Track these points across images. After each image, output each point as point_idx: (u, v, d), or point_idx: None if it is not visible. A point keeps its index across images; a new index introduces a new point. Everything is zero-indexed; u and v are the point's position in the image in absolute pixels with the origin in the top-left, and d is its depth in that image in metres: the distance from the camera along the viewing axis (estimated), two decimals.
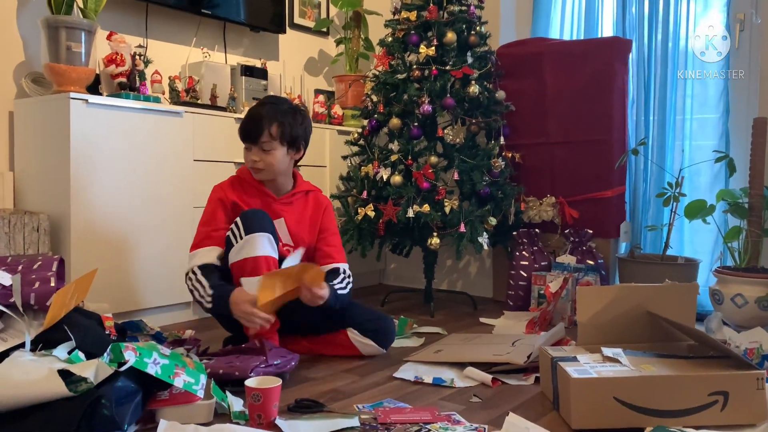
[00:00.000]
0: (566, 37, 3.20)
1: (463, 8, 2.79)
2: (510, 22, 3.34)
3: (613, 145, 2.82)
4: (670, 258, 2.71)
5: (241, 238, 1.88)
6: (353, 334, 2.04)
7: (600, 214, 2.84)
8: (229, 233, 1.92)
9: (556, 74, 2.93)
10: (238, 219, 1.91)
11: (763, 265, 2.52)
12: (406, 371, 1.92)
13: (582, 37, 3.15)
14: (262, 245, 1.86)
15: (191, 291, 1.93)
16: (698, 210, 2.59)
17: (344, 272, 2.08)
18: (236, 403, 1.55)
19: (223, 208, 1.99)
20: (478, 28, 2.81)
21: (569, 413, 1.49)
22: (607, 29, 3.10)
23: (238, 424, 1.47)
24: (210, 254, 1.95)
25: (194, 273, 1.92)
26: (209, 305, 1.87)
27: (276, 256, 1.92)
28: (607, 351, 1.62)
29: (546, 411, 1.62)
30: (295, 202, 2.09)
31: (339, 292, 1.98)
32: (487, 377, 1.83)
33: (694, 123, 2.89)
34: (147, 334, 1.97)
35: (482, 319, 2.71)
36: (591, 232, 2.79)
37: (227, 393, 1.58)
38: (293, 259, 1.85)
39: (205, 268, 1.92)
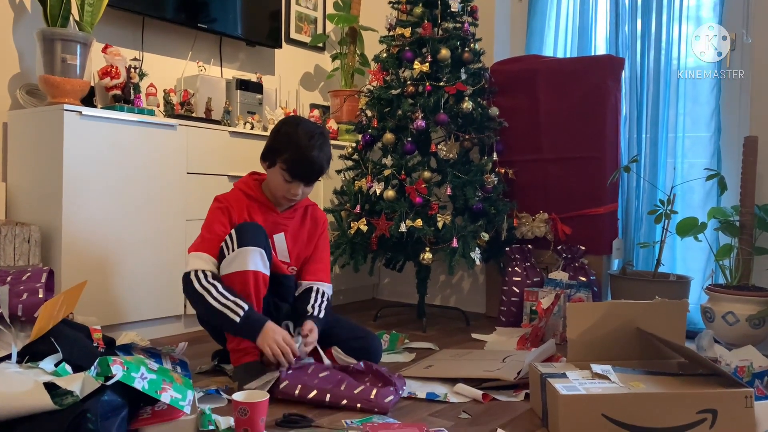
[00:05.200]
0: (560, 55, 3.23)
1: (458, 25, 2.81)
2: (504, 39, 3.37)
3: (606, 162, 2.84)
4: (662, 275, 2.72)
5: (234, 250, 1.86)
6: (337, 353, 2.00)
7: (592, 231, 2.85)
8: (222, 244, 1.90)
9: (550, 91, 2.95)
10: (232, 231, 1.89)
11: (755, 283, 2.52)
12: None
13: (575, 55, 3.17)
14: (253, 260, 1.85)
15: (201, 294, 1.82)
16: (690, 227, 2.60)
17: (317, 291, 2.05)
18: (223, 422, 1.54)
19: (228, 216, 1.96)
20: (472, 45, 2.84)
21: (558, 430, 1.48)
22: (600, 47, 3.13)
23: None
24: (210, 263, 1.90)
25: (205, 277, 1.84)
26: (236, 318, 1.78)
27: (267, 272, 1.89)
28: (597, 368, 1.61)
29: (535, 428, 1.62)
30: (295, 216, 2.08)
31: (319, 316, 1.99)
32: (478, 393, 1.83)
33: (687, 141, 2.91)
34: (141, 349, 1.95)
35: (474, 335, 2.70)
36: (583, 248, 2.80)
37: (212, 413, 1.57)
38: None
39: (216, 277, 1.86)
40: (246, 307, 1.81)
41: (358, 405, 1.70)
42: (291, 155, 1.91)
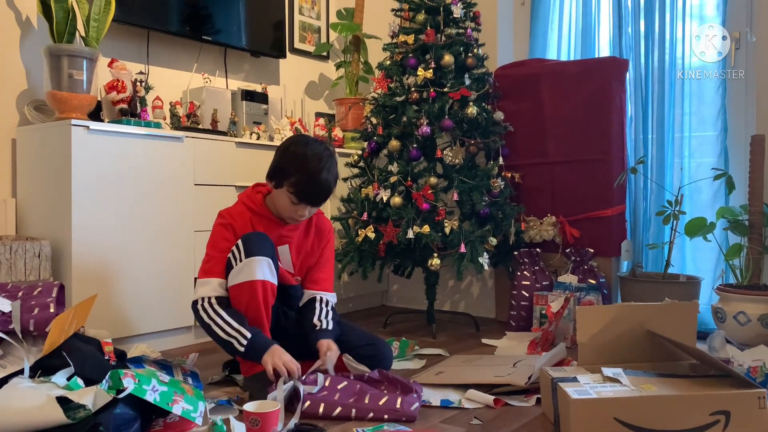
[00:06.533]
0: (563, 58, 3.23)
1: (461, 31, 2.82)
2: (507, 43, 3.37)
3: (612, 163, 2.83)
4: (672, 276, 2.71)
5: (241, 260, 1.86)
6: (348, 360, 1.99)
7: (601, 233, 2.84)
8: (229, 255, 1.90)
9: (554, 94, 2.95)
10: (239, 241, 1.89)
11: (765, 282, 2.51)
12: None
13: (579, 58, 3.17)
14: (261, 269, 1.85)
15: (207, 324, 1.86)
16: (698, 228, 2.59)
17: (320, 301, 2.06)
18: (238, 427, 1.54)
19: (232, 232, 1.96)
20: (475, 50, 2.84)
21: None
22: (603, 49, 3.13)
23: None
24: (217, 286, 1.90)
25: (211, 306, 1.87)
26: (240, 348, 1.80)
27: (275, 281, 1.90)
28: (608, 371, 1.61)
29: None
30: (299, 228, 2.07)
31: (329, 328, 1.99)
32: (489, 398, 1.82)
33: (693, 141, 2.90)
34: (152, 361, 1.95)
35: (484, 340, 2.70)
36: (592, 251, 2.79)
37: (231, 418, 1.57)
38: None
39: (222, 302, 1.88)
40: (249, 335, 1.80)
41: (386, 416, 1.69)
42: (299, 178, 1.89)
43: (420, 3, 2.84)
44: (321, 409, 1.71)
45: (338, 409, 1.71)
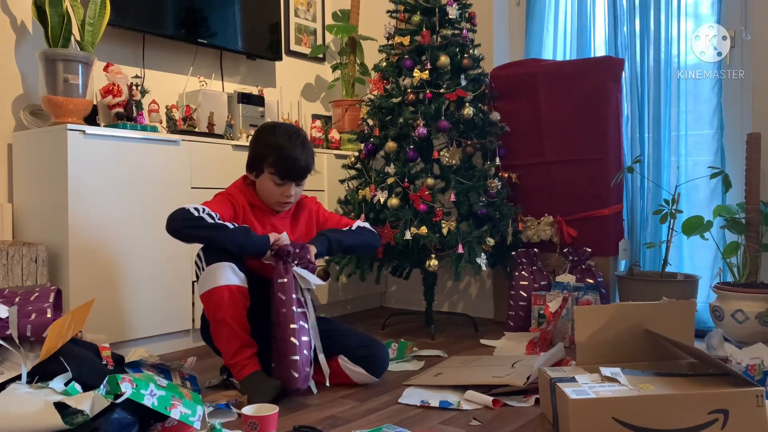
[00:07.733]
0: (559, 58, 3.23)
1: (456, 32, 2.82)
2: (503, 44, 3.37)
3: (609, 163, 2.83)
4: (670, 275, 2.71)
5: (203, 270, 1.91)
6: (344, 362, 1.99)
7: (598, 233, 2.84)
8: (194, 266, 1.97)
9: (550, 94, 2.95)
10: (200, 251, 1.94)
11: (763, 280, 2.51)
12: (411, 396, 1.90)
13: (575, 57, 3.17)
14: (224, 275, 1.87)
15: (201, 216, 1.86)
16: (696, 226, 2.59)
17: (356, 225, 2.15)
18: None
19: (232, 205, 2.01)
20: (471, 51, 2.84)
21: None
22: (599, 48, 3.13)
23: None
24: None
25: (203, 208, 1.88)
26: (240, 236, 1.85)
27: (242, 284, 1.90)
28: (606, 371, 1.61)
29: None
30: (291, 215, 2.13)
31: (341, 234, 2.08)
32: (488, 399, 1.82)
33: (689, 139, 2.90)
34: (150, 365, 1.95)
35: (483, 341, 2.70)
36: (590, 250, 2.79)
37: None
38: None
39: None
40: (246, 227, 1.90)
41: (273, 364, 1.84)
42: (276, 158, 1.97)
43: (415, 4, 2.84)
44: (290, 324, 1.80)
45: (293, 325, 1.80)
